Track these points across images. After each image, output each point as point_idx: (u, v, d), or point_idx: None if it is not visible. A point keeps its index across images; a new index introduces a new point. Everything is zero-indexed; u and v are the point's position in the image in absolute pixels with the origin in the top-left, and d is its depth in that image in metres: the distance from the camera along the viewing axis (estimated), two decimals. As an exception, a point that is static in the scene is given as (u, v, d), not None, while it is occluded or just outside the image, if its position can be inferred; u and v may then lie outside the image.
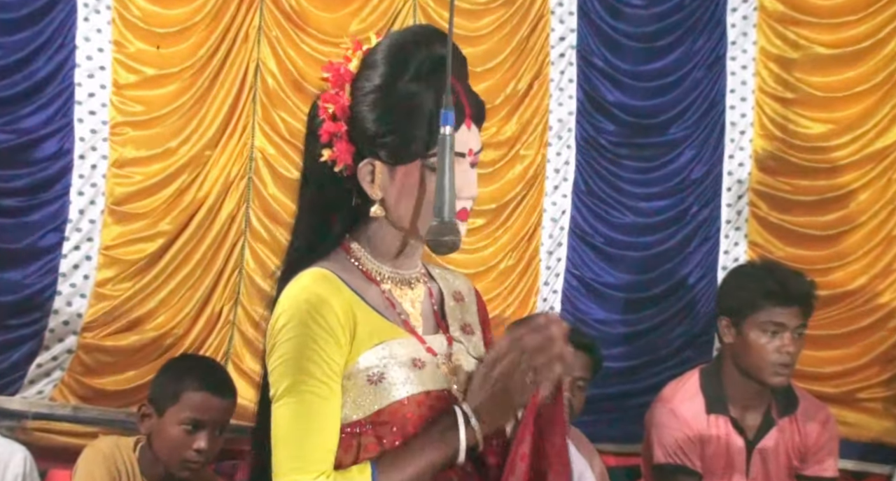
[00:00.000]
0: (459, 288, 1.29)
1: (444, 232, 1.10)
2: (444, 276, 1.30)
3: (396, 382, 1.16)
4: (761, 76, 3.05)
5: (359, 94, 1.18)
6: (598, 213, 3.04)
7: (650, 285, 3.03)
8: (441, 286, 1.28)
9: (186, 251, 2.87)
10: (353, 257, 1.21)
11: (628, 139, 3.05)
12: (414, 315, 1.22)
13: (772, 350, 2.20)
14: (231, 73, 2.91)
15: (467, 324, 1.27)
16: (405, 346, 1.19)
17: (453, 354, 1.22)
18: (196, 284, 2.86)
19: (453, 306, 1.27)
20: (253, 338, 2.89)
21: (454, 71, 1.16)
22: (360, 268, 1.21)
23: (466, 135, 1.19)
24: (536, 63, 3.01)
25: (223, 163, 2.91)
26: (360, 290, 1.18)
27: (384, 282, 1.21)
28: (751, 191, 3.04)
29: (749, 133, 3.05)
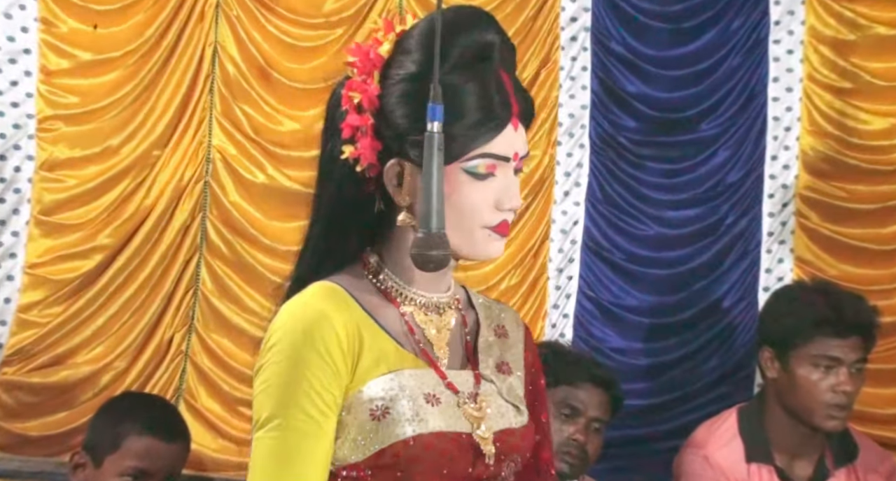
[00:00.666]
0: (505, 322, 1.27)
1: (430, 245, 1.07)
2: (487, 307, 1.28)
3: (402, 419, 1.13)
4: (810, 62, 3.00)
5: (389, 84, 1.15)
6: (617, 224, 3.00)
7: (678, 309, 2.98)
8: (480, 316, 1.26)
9: (130, 269, 2.86)
10: (371, 273, 1.19)
11: (652, 137, 3.00)
12: (439, 344, 1.20)
13: (825, 388, 2.14)
14: (184, 58, 2.89)
15: (504, 363, 1.24)
16: (418, 378, 1.16)
17: (480, 394, 1.19)
18: (141, 309, 2.85)
19: (492, 341, 1.25)
20: (209, 371, 2.89)
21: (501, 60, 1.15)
22: (379, 285, 1.19)
23: (512, 136, 1.16)
24: (544, 48, 2.98)
25: (174, 165, 2.89)
26: (373, 311, 1.17)
27: (405, 304, 1.19)
28: (798, 197, 2.99)
29: (795, 129, 3.01)
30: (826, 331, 2.10)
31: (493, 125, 1.14)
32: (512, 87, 1.17)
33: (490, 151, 1.15)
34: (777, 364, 2.18)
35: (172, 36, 2.84)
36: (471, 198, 1.14)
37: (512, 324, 1.28)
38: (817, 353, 2.12)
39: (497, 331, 1.26)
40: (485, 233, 1.16)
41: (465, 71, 1.13)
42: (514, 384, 1.24)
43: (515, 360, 1.26)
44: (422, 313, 1.19)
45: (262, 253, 2.91)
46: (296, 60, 2.92)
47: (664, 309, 2.97)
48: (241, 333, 2.90)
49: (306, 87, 2.92)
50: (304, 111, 2.94)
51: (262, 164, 2.91)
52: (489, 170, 1.15)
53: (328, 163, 1.19)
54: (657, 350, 2.97)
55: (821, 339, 2.11)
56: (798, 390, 2.16)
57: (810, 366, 2.13)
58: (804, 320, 2.12)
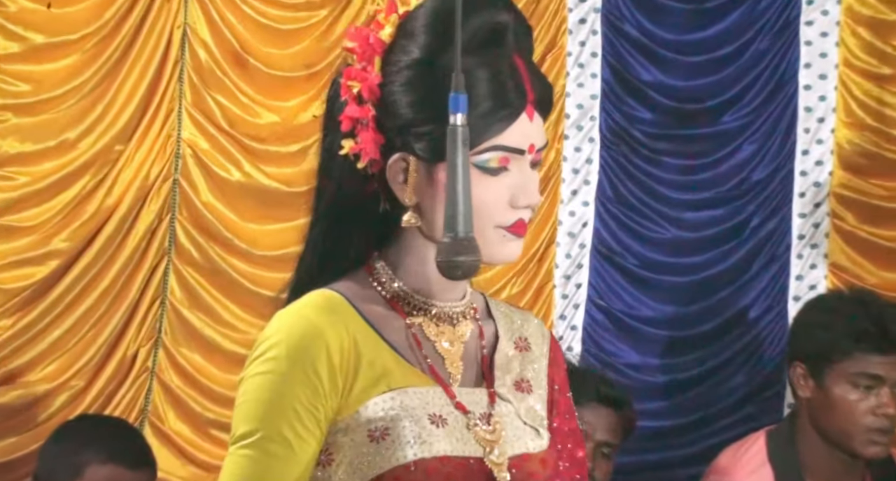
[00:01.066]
0: (528, 333, 1.27)
1: (458, 250, 1.06)
2: (508, 316, 1.27)
3: (403, 441, 1.13)
4: (847, 46, 2.93)
5: (392, 70, 1.15)
6: (630, 227, 2.95)
7: (698, 320, 2.93)
8: (500, 328, 1.25)
9: (89, 277, 2.82)
10: (377, 280, 1.19)
11: (669, 130, 2.95)
12: (451, 359, 1.19)
13: (865, 410, 2.14)
14: (149, 42, 2.85)
15: (524, 380, 1.23)
16: (423, 397, 1.16)
17: (494, 415, 1.18)
18: (102, 321, 2.82)
19: (511, 355, 1.24)
20: (178, 389, 2.86)
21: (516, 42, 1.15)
22: (384, 294, 1.19)
23: (527, 126, 1.16)
24: (549, 31, 2.93)
25: (139, 162, 2.86)
26: (376, 322, 1.17)
27: (413, 315, 1.19)
28: (832, 197, 2.94)
29: (830, 121, 2.95)
30: (866, 347, 2.09)
31: (506, 114, 1.14)
32: (527, 71, 1.17)
33: (502, 143, 1.14)
34: (811, 382, 2.17)
35: (136, 17, 2.82)
36: (482, 195, 1.13)
37: (536, 335, 1.27)
38: (857, 371, 2.11)
39: (518, 344, 1.25)
40: (499, 233, 1.16)
41: (476, 55, 1.13)
42: (534, 404, 1.23)
43: (537, 377, 1.25)
44: (433, 324, 1.19)
45: (237, 258, 2.90)
46: (275, 45, 2.91)
47: (683, 320, 2.93)
48: (213, 348, 2.88)
49: (287, 74, 2.90)
50: (285, 101, 2.92)
51: (237, 161, 2.91)
52: (502, 165, 1.15)
53: (327, 159, 1.19)
54: (675, 366, 2.92)
55: (860, 356, 2.09)
56: (834, 412, 2.15)
57: (848, 385, 2.12)
58: (842, 334, 2.11)
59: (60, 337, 2.77)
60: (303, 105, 2.91)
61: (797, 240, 2.94)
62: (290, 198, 2.86)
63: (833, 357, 2.10)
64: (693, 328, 2.92)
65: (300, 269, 1.21)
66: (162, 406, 2.82)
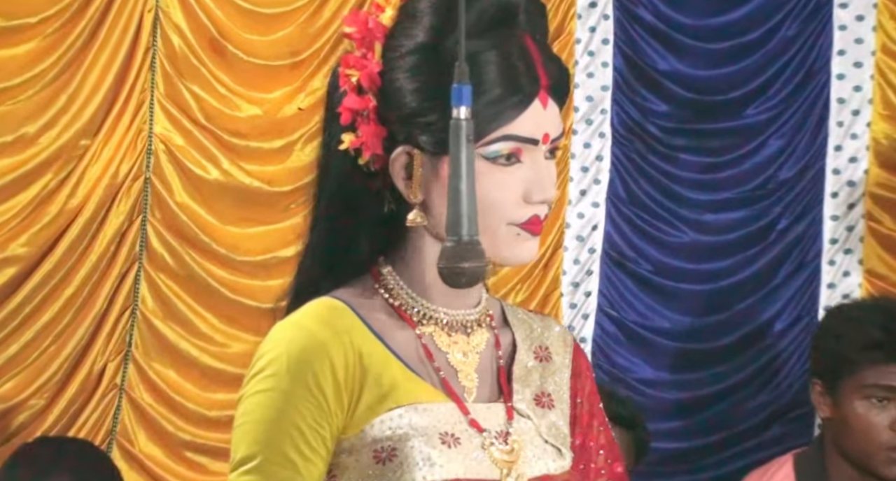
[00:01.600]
0: (549, 342, 1.26)
1: (462, 256, 1.05)
2: (527, 322, 1.26)
3: (411, 463, 1.13)
4: (885, 30, 2.91)
5: (394, 57, 1.15)
6: (644, 230, 2.93)
7: (719, 332, 2.92)
8: (518, 336, 1.24)
9: (51, 285, 2.77)
10: (383, 286, 1.19)
11: (687, 124, 2.94)
12: (466, 371, 1.19)
13: (881, 426, 2.13)
14: (117, 26, 2.80)
15: (545, 394, 1.23)
16: (434, 414, 1.15)
17: (512, 433, 1.17)
18: (66, 333, 2.77)
19: (531, 366, 1.23)
20: (149, 408, 2.81)
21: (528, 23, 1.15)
22: (391, 302, 1.19)
23: (541, 114, 1.15)
24: (556, 16, 2.90)
25: (107, 158, 2.81)
26: (383, 333, 1.16)
27: (423, 324, 1.18)
28: (868, 197, 2.92)
29: (866, 114, 2.93)
30: (876, 357, 2.09)
31: (517, 101, 1.13)
32: (540, 54, 1.16)
33: (513, 133, 1.13)
34: (829, 399, 2.17)
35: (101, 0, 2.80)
36: (493, 190, 1.13)
37: (557, 343, 1.26)
38: (869, 383, 2.11)
39: (538, 354, 1.24)
40: (512, 231, 1.15)
41: (483, 37, 1.12)
42: (556, 420, 1.22)
43: (559, 390, 1.24)
44: (444, 334, 1.18)
45: (215, 264, 2.86)
46: (256, 31, 2.87)
47: (702, 332, 2.91)
48: (189, 362, 2.83)
49: (269, 63, 2.86)
50: (267, 93, 2.88)
51: (215, 157, 2.87)
52: (514, 155, 1.14)
53: (327, 155, 1.19)
54: (693, 382, 2.91)
55: (873, 366, 2.09)
56: (852, 430, 2.14)
57: (862, 400, 2.11)
58: (851, 345, 2.11)
59: (19, 351, 2.74)
60: (287, 97, 2.88)
61: (829, 245, 2.94)
62: (273, 199, 2.83)
63: (844, 370, 2.11)
64: (713, 341, 2.93)
65: (300, 275, 1.20)
66: (132, 426, 2.79)
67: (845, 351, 2.12)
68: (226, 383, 2.83)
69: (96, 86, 2.79)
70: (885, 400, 2.11)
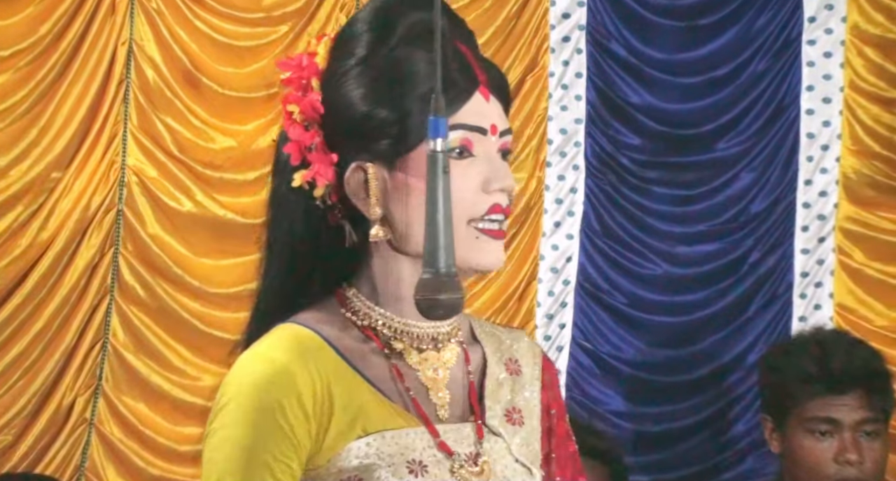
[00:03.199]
0: (518, 354, 1.25)
1: (439, 288, 1.05)
2: (495, 336, 1.25)
3: None
4: (853, 67, 2.92)
5: (335, 80, 1.18)
6: (618, 262, 2.93)
7: (692, 365, 2.90)
8: (487, 350, 1.23)
9: (21, 318, 2.78)
10: (350, 309, 1.18)
11: (660, 157, 2.95)
12: (436, 388, 1.18)
13: (826, 459, 2.08)
14: (90, 59, 2.83)
15: (516, 410, 1.21)
16: (402, 441, 1.14)
17: (482, 454, 1.17)
18: (35, 367, 2.77)
19: (502, 379, 1.22)
20: (119, 443, 2.80)
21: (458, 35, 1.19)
22: (358, 323, 1.17)
23: (484, 106, 1.17)
24: (530, 50, 2.94)
25: (79, 191, 2.82)
26: (351, 355, 1.15)
27: (395, 341, 1.17)
28: (838, 231, 2.94)
29: (835, 148, 2.94)
30: (815, 390, 2.05)
31: (457, 92, 1.15)
32: (473, 57, 1.19)
33: (461, 121, 1.14)
34: (778, 434, 2.14)
35: (76, 31, 2.80)
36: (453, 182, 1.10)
37: (527, 355, 1.25)
38: (810, 416, 2.07)
39: (508, 367, 1.23)
40: (472, 233, 1.15)
41: (413, 45, 1.16)
42: (528, 437, 1.21)
43: (529, 405, 1.23)
44: (415, 351, 1.17)
45: (187, 297, 2.85)
46: (230, 63, 2.88)
47: (675, 364, 2.90)
48: (160, 396, 2.81)
49: (243, 95, 2.87)
50: (241, 125, 2.88)
51: (188, 189, 2.87)
52: (465, 146, 1.15)
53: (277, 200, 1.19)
54: (668, 414, 2.89)
55: (811, 400, 2.06)
56: (800, 464, 2.10)
57: (806, 433, 2.08)
58: (790, 379, 2.08)
59: (-14, 386, 2.68)
60: (261, 129, 2.88)
61: (800, 279, 2.92)
62: (247, 231, 2.81)
63: (788, 405, 2.08)
64: (686, 373, 2.90)
65: (254, 319, 1.19)
66: (101, 461, 2.77)
67: (786, 386, 2.09)
68: (197, 417, 2.78)
69: (68, 118, 2.80)
70: (828, 433, 2.07)
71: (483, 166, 1.15)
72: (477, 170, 1.15)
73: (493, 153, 1.17)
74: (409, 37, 1.17)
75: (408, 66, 1.15)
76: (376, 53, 1.17)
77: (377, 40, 1.17)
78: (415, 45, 1.17)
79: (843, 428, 2.06)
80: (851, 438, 2.06)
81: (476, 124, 1.15)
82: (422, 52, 1.16)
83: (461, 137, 1.14)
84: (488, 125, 1.16)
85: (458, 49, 1.18)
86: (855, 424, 2.06)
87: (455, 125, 1.13)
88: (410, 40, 1.17)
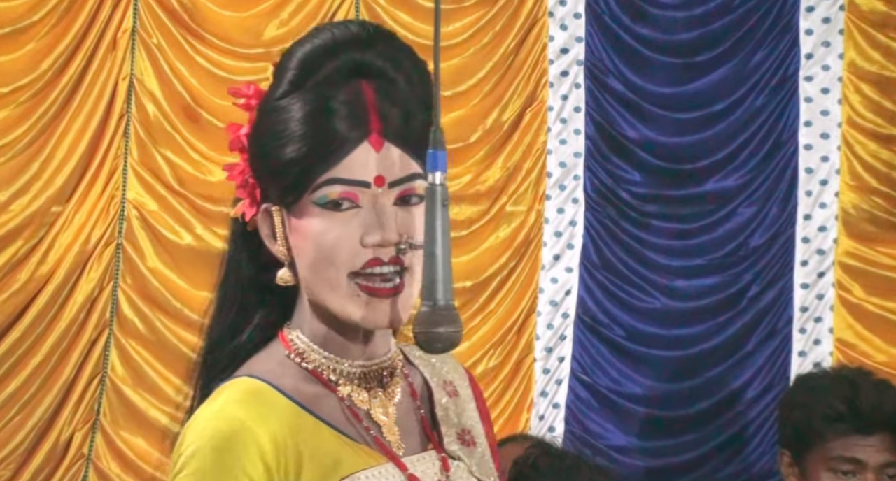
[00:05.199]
0: (450, 376, 1.25)
1: (437, 321, 1.04)
2: (426, 360, 1.25)
3: None
4: (850, 104, 2.94)
5: (262, 111, 1.16)
6: (617, 295, 2.93)
7: (691, 399, 2.89)
8: (426, 375, 1.23)
9: (20, 352, 2.78)
10: (295, 352, 1.16)
11: (659, 191, 2.96)
12: (388, 426, 1.17)
13: None
14: (91, 94, 2.86)
15: (466, 431, 1.22)
16: (377, 479, 1.12)
17: (450, 479, 1.17)
18: (32, 402, 2.76)
19: (445, 403, 1.22)
20: (117, 478, 2.79)
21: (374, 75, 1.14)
22: (306, 366, 1.16)
23: (370, 157, 1.12)
24: (529, 85, 2.95)
25: (79, 224, 2.85)
26: (308, 402, 1.13)
27: (342, 385, 1.16)
28: (838, 266, 2.94)
29: (834, 183, 2.95)
30: (841, 428, 2.03)
31: (337, 144, 1.12)
32: (378, 101, 1.13)
33: (338, 176, 1.11)
34: (796, 470, 2.10)
35: (77, 67, 2.82)
36: (328, 235, 1.11)
37: (456, 374, 1.25)
38: (834, 455, 2.04)
39: (447, 389, 1.23)
40: (352, 288, 1.11)
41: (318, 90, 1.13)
42: (482, 455, 1.22)
43: (474, 424, 1.23)
44: (363, 391, 1.16)
45: (187, 330, 2.83)
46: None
47: (673, 399, 2.89)
48: (158, 431, 2.79)
49: None
50: None
51: (188, 223, 2.86)
52: (345, 198, 1.11)
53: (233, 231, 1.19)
54: (664, 449, 2.88)
55: (836, 438, 2.03)
56: None
57: (828, 472, 2.05)
58: (816, 416, 2.06)
59: (-15, 420, 2.71)
60: (261, 162, 2.87)
61: (799, 313, 2.92)
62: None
63: (811, 441, 2.04)
64: (684, 408, 2.88)
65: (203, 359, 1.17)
66: None
67: (811, 422, 2.05)
68: (196, 451, 2.75)
69: (69, 152, 2.80)
70: (850, 474, 2.04)
71: (367, 217, 1.11)
72: (359, 222, 1.11)
73: (384, 205, 1.11)
74: (330, 78, 1.13)
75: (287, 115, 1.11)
76: (293, 92, 1.13)
77: (298, 77, 1.13)
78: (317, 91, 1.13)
79: (866, 470, 2.03)
80: (875, 480, 2.03)
81: (355, 178, 1.10)
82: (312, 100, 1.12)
83: (340, 191, 1.10)
84: (372, 177, 1.11)
85: (359, 91, 1.13)
86: (879, 467, 2.03)
87: (332, 179, 1.10)
88: (331, 82, 1.12)
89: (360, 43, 1.14)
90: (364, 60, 1.13)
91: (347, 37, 1.13)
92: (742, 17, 2.93)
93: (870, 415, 2.03)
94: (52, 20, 2.79)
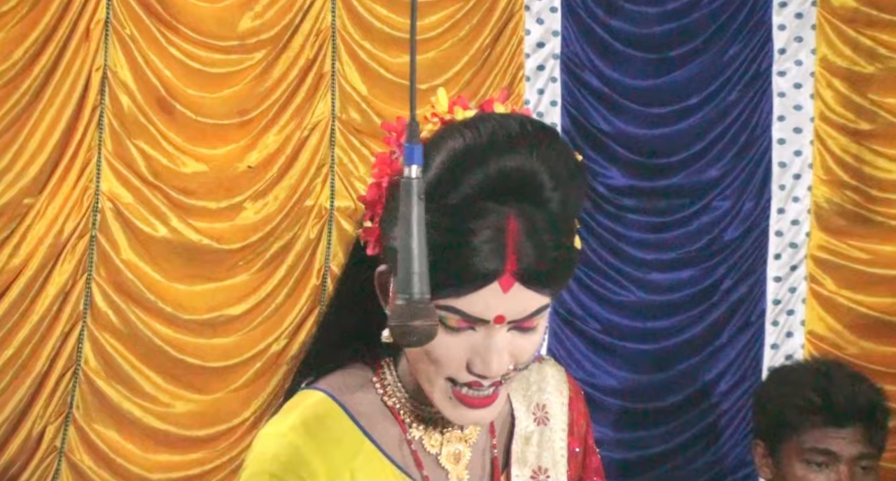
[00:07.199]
0: (546, 397, 1.23)
1: (413, 314, 1.02)
2: (524, 382, 1.22)
3: None
4: (822, 98, 2.95)
5: None
6: (592, 288, 2.93)
7: (665, 391, 2.91)
8: (515, 400, 1.21)
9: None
10: (381, 382, 1.17)
11: (634, 184, 2.96)
12: (456, 471, 1.16)
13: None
14: (63, 85, 2.79)
15: (542, 469, 1.20)
16: None
17: None
18: (4, 395, 2.72)
19: (529, 432, 1.20)
20: (90, 471, 2.75)
21: (524, 199, 1.07)
22: (386, 400, 1.16)
23: (497, 297, 1.08)
24: (505, 78, 2.93)
25: (52, 216, 2.79)
26: (377, 434, 1.15)
27: (412, 427, 1.16)
28: (810, 259, 2.94)
29: (807, 178, 2.95)
30: (815, 420, 2.03)
31: (468, 280, 1.08)
32: (520, 237, 1.07)
33: (460, 308, 1.09)
34: (770, 460, 2.11)
35: (49, 58, 2.75)
36: (438, 348, 1.10)
37: (554, 395, 1.23)
38: (808, 447, 2.04)
39: (536, 416, 1.21)
40: (447, 390, 1.11)
41: (463, 214, 1.08)
42: None
43: (555, 462, 1.20)
44: (437, 433, 1.16)
45: (160, 323, 2.80)
46: (204, 89, 2.84)
47: (647, 391, 2.90)
48: (132, 423, 2.76)
49: (217, 121, 2.83)
50: (215, 149, 2.84)
51: (163, 215, 2.83)
52: (461, 326, 1.09)
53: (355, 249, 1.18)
54: (638, 441, 2.89)
55: (810, 429, 2.03)
56: None
57: (802, 463, 2.04)
58: (790, 407, 2.06)
59: (-45, 415, 2.61)
60: (236, 155, 2.83)
61: (772, 306, 2.92)
62: (222, 256, 2.78)
63: (785, 432, 2.04)
64: (658, 400, 2.90)
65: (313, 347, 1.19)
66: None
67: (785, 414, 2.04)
68: (169, 444, 2.73)
69: (42, 144, 2.76)
70: (824, 465, 2.02)
71: (477, 343, 1.09)
72: (468, 345, 1.09)
73: (497, 334, 1.09)
74: (477, 196, 1.08)
75: (435, 234, 1.07)
76: (435, 198, 1.08)
77: (444, 181, 1.08)
78: (478, 215, 1.08)
79: (839, 461, 2.02)
80: (848, 472, 2.02)
81: (477, 316, 1.08)
82: (458, 224, 1.07)
83: (456, 320, 1.09)
84: (493, 316, 1.08)
85: (503, 227, 1.07)
86: (852, 458, 2.02)
87: (454, 309, 1.08)
88: (477, 207, 1.07)
89: (516, 146, 1.08)
90: (516, 171, 1.07)
91: (502, 136, 1.08)
92: (716, 13, 2.94)
93: (843, 407, 2.03)
94: (22, 10, 2.74)
